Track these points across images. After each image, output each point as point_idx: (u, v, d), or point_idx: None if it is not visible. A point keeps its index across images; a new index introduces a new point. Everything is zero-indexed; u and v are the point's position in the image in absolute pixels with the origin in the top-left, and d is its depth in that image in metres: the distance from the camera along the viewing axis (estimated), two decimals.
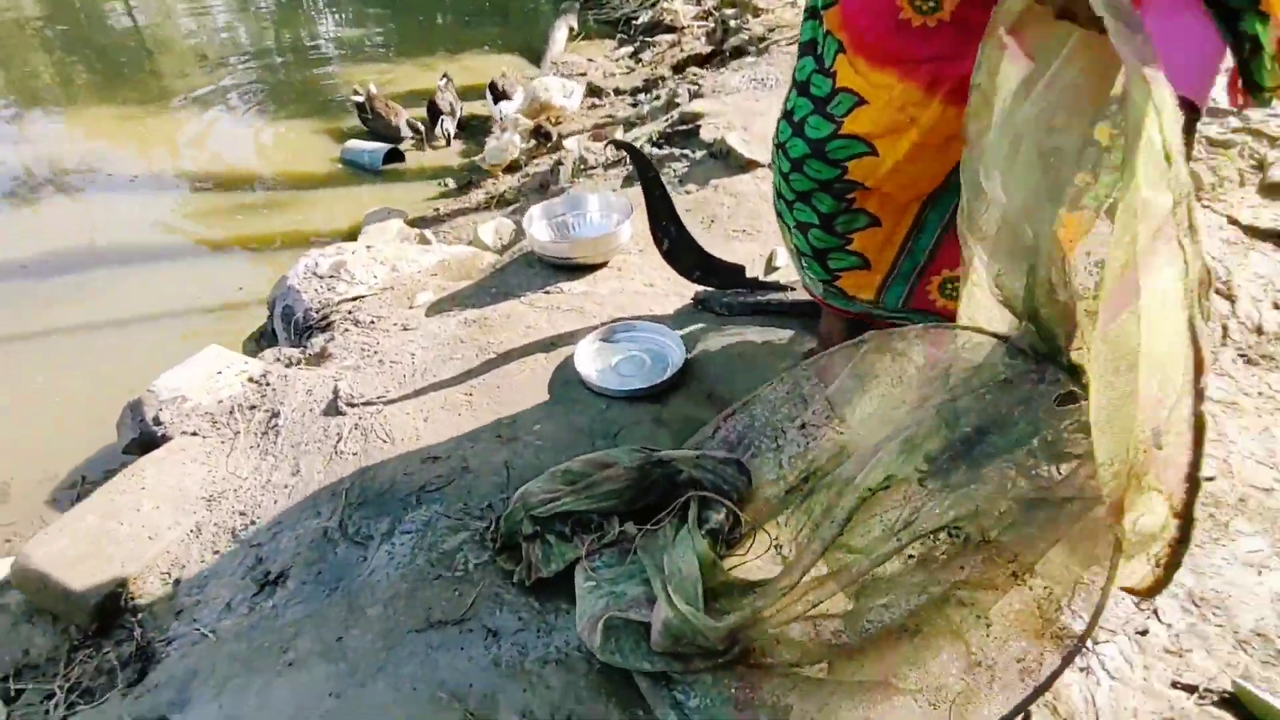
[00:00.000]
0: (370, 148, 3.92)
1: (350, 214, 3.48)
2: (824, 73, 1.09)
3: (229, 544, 1.25)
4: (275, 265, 3.13)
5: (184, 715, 1.01)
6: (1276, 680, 0.95)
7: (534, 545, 1.10)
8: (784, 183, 1.19)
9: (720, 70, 3.17)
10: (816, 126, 1.10)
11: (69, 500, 2.04)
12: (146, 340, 2.67)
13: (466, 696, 0.96)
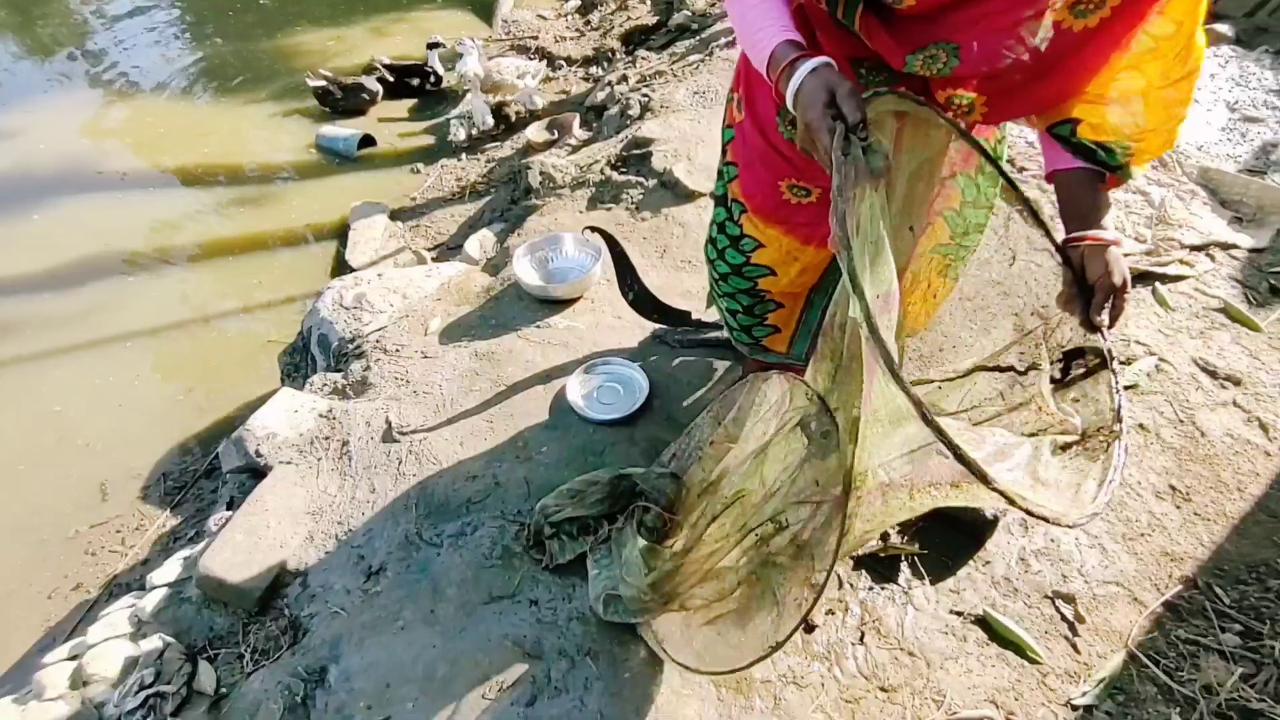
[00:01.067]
0: (344, 134, 4.19)
1: (335, 206, 3.81)
2: (734, 221, 1.56)
3: (335, 547, 1.79)
4: (282, 265, 3.50)
5: (337, 664, 1.57)
6: (1009, 608, 1.59)
7: (552, 542, 1.67)
8: (718, 284, 1.70)
9: (667, 79, 3.54)
10: (732, 257, 1.60)
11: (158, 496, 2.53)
12: (186, 344, 3.07)
13: (522, 642, 1.54)
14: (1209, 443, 1.88)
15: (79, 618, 2.18)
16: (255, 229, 3.69)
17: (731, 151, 1.49)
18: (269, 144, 4.29)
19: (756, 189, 1.46)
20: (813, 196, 1.42)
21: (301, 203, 3.87)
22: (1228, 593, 1.59)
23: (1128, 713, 1.42)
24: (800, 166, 1.34)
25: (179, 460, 2.61)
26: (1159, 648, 1.51)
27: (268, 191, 3.95)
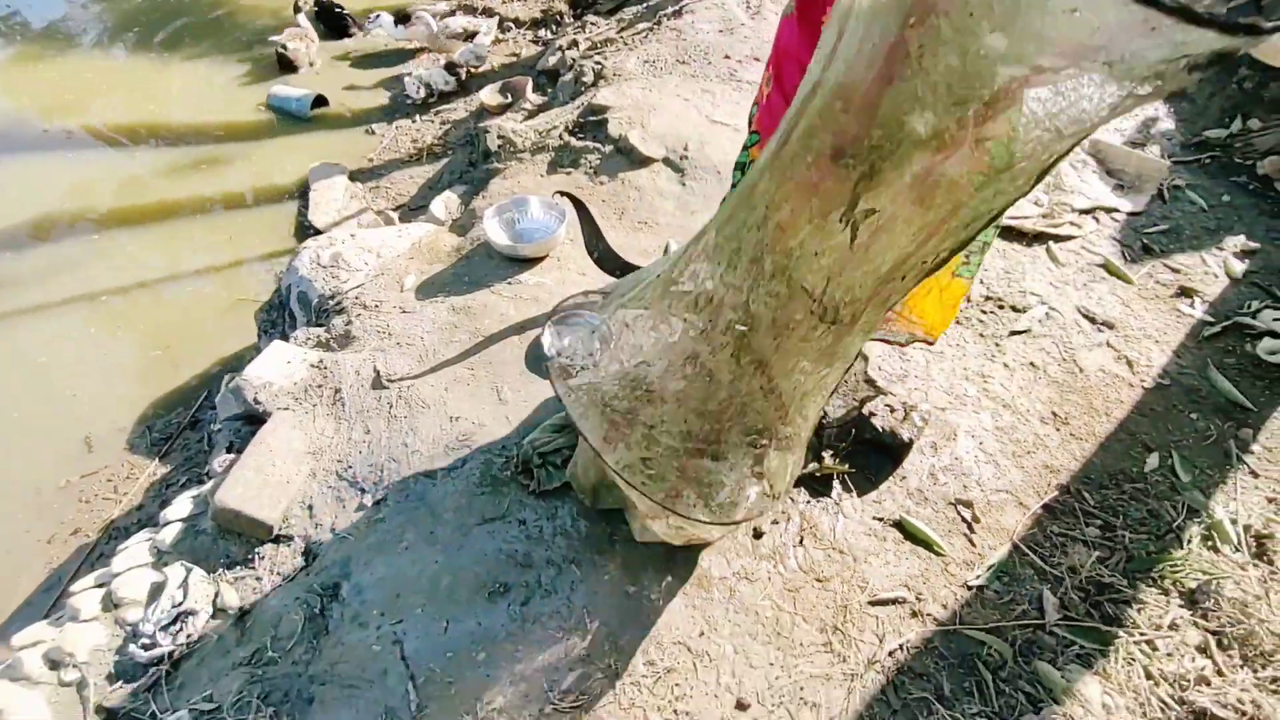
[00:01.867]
0: (296, 94, 4.21)
1: (292, 167, 3.87)
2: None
3: (337, 481, 1.99)
4: (245, 225, 3.57)
5: (349, 580, 1.79)
6: (921, 513, 1.91)
7: (540, 470, 1.91)
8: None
9: (618, 47, 3.70)
10: None
11: (145, 447, 2.65)
12: (157, 304, 3.14)
13: (514, 555, 1.79)
14: (1085, 376, 2.24)
15: (81, 560, 2.32)
16: (215, 190, 3.73)
17: (756, 122, 1.70)
18: (219, 103, 4.27)
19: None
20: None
21: (258, 163, 3.91)
22: (1092, 496, 1.95)
23: (1010, 590, 1.76)
24: None
25: (162, 413, 2.73)
26: (1037, 540, 1.86)
27: (222, 152, 3.97)
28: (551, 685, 1.56)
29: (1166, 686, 1.57)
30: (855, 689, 1.58)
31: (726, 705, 1.55)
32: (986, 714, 1.54)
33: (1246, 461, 2.02)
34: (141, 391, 2.77)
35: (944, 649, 1.65)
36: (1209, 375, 2.24)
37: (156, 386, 2.78)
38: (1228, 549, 1.81)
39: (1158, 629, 1.66)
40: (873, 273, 1.06)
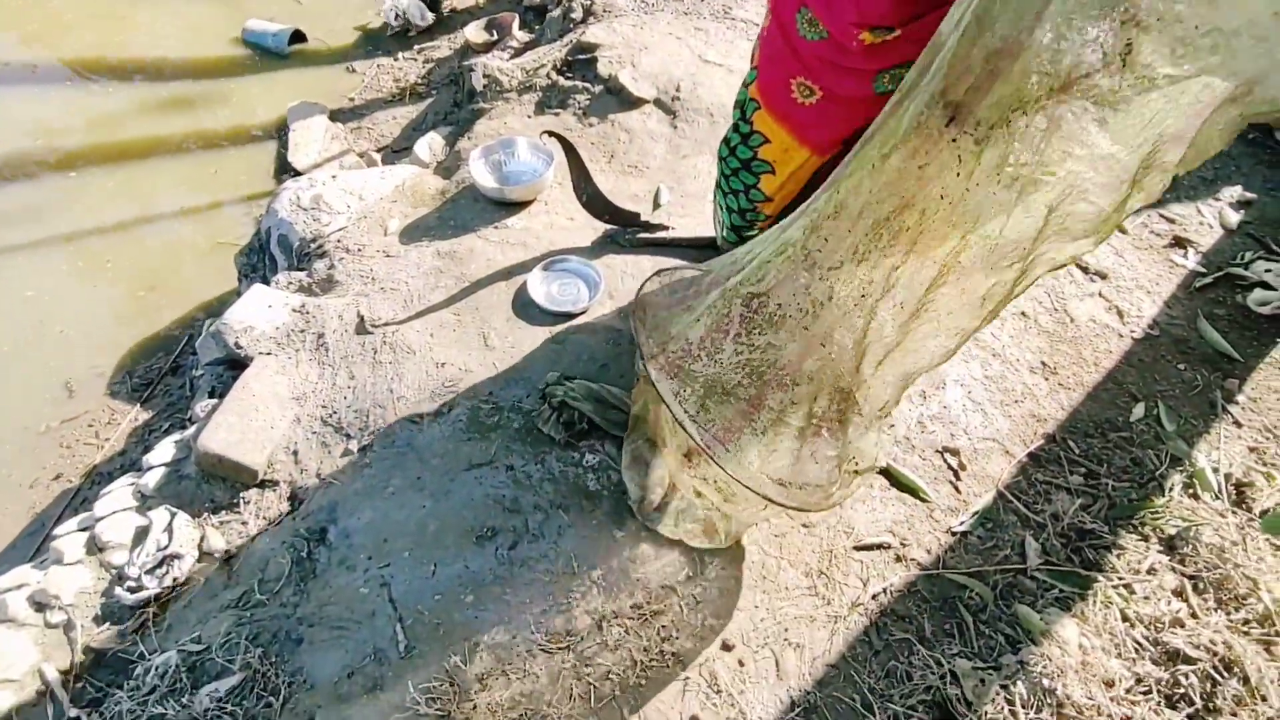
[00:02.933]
0: (274, 29, 4.05)
1: (271, 105, 3.74)
2: (746, 120, 1.70)
3: (322, 427, 1.97)
4: (223, 165, 3.46)
5: (336, 525, 1.78)
6: (907, 460, 1.92)
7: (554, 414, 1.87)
8: (726, 180, 1.83)
9: None
10: (742, 152, 1.74)
11: (125, 393, 2.61)
12: (135, 246, 3.06)
13: (502, 500, 1.78)
14: (1076, 326, 2.24)
15: (64, 505, 2.30)
16: (190, 129, 3.60)
17: (756, 57, 1.67)
18: (192, 36, 4.10)
19: (770, 86, 1.62)
20: (814, 98, 1.56)
21: (235, 101, 3.77)
22: (1078, 445, 1.97)
23: (994, 536, 1.78)
24: (810, 66, 1.52)
25: (142, 358, 2.68)
26: (1021, 488, 1.88)
27: (197, 89, 3.82)
28: (539, 627, 1.57)
29: (1142, 628, 1.60)
30: (839, 630, 1.61)
31: (712, 646, 1.57)
32: (966, 654, 1.57)
33: (1231, 411, 2.03)
34: (121, 336, 2.72)
35: (926, 592, 1.68)
36: (1198, 326, 2.24)
37: (137, 331, 2.73)
38: (1208, 496, 1.83)
39: (1136, 574, 1.69)
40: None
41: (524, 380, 2.00)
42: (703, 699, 1.50)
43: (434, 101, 3.71)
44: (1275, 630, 1.57)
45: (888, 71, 1.45)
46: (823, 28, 1.43)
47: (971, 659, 1.57)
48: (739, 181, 1.81)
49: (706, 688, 1.52)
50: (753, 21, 3.23)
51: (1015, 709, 1.49)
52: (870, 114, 1.56)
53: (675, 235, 2.35)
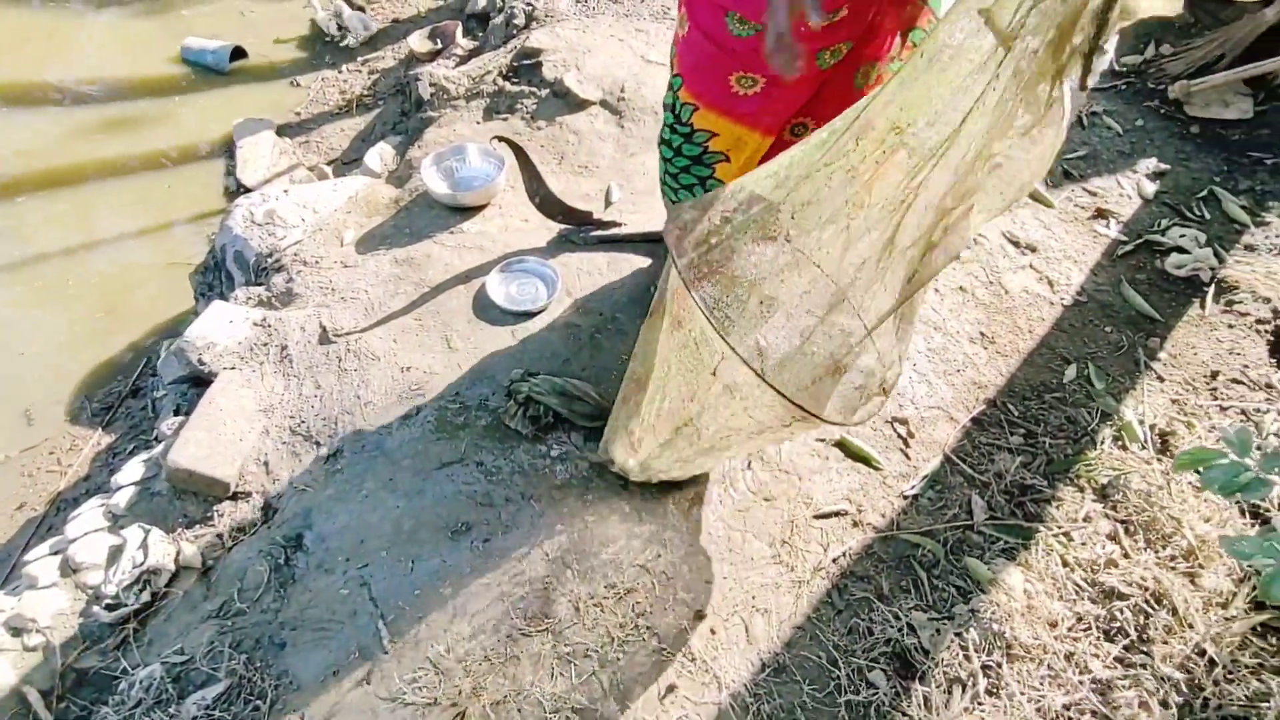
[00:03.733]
0: (212, 46, 4.01)
1: (215, 123, 3.72)
2: (684, 123, 1.74)
3: (291, 437, 1.99)
4: (171, 186, 3.43)
5: (312, 530, 1.82)
6: (860, 432, 2.02)
7: (520, 408, 1.91)
8: (677, 177, 1.87)
9: None
10: (689, 150, 1.78)
11: (86, 418, 2.59)
12: (87, 270, 3.03)
13: (474, 496, 1.84)
14: (1010, 297, 2.37)
15: (30, 533, 2.28)
16: (133, 150, 3.56)
17: (678, 65, 1.71)
18: (129, 56, 4.03)
19: (706, 88, 1.66)
20: (758, 86, 1.62)
21: (179, 120, 3.74)
22: (1016, 407, 2.09)
23: (943, 497, 1.90)
24: (748, 59, 1.57)
25: (101, 383, 2.66)
26: (966, 450, 1.99)
27: (137, 110, 3.77)
28: (518, 612, 1.63)
29: (1080, 571, 1.73)
30: (803, 594, 1.70)
31: (685, 617, 1.65)
32: (922, 607, 1.68)
33: (1154, 368, 2.18)
34: (78, 361, 2.69)
35: (883, 553, 1.78)
36: (1122, 290, 2.39)
37: (94, 355, 2.70)
38: (1135, 447, 1.97)
39: (1073, 522, 1.81)
40: None
41: (488, 379, 2.06)
42: (679, 668, 1.58)
43: (381, 112, 3.73)
44: (1198, 563, 1.71)
45: (829, 49, 1.53)
46: (754, 24, 1.50)
47: (927, 611, 1.67)
48: (691, 177, 1.86)
49: (682, 657, 1.60)
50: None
51: (969, 653, 1.60)
52: (815, 87, 1.64)
53: (628, 231, 2.42)
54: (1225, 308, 2.33)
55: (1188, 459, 1.33)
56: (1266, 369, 2.18)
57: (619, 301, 2.25)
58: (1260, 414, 2.06)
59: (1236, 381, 2.15)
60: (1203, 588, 1.69)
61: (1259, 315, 2.28)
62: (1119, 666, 1.59)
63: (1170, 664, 1.58)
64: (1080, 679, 1.57)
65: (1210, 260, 2.43)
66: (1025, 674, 1.58)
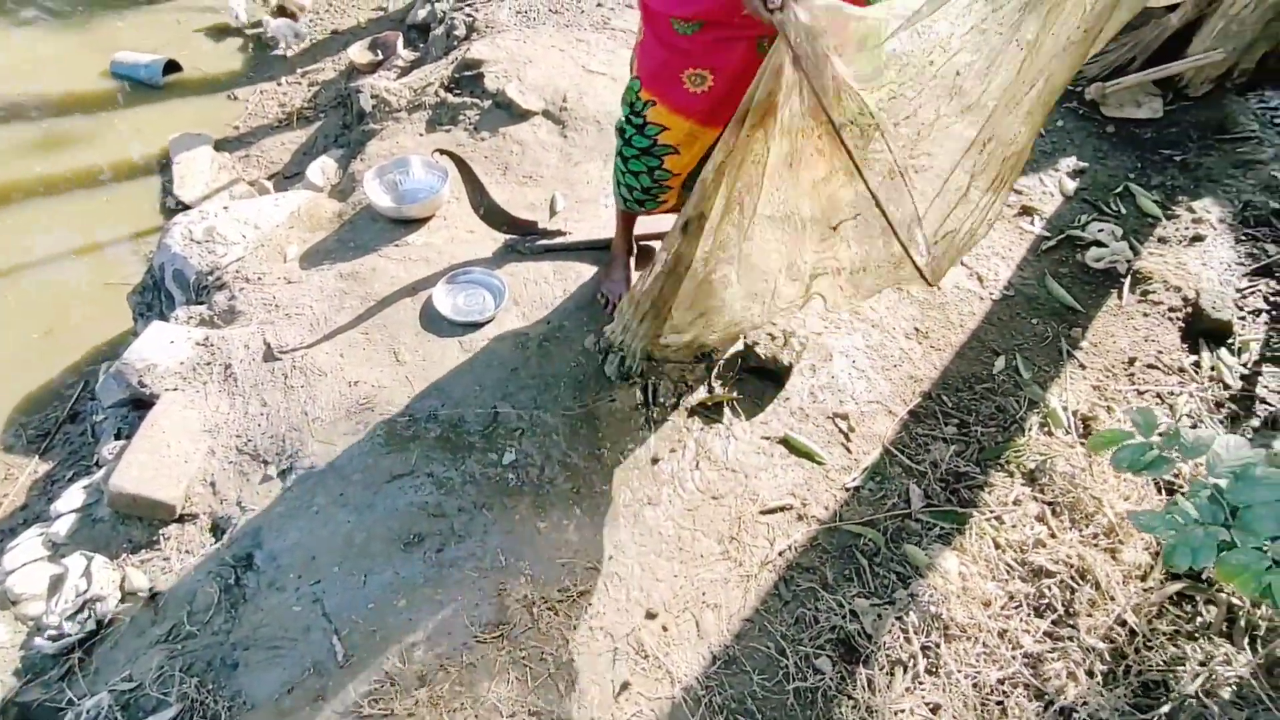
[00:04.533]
0: (144, 60, 3.93)
1: (150, 139, 3.64)
2: (638, 114, 1.82)
3: (238, 456, 1.98)
4: (105, 205, 3.35)
5: (262, 549, 1.81)
6: (803, 429, 2.09)
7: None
8: (628, 163, 1.93)
9: None
10: (639, 141, 1.86)
11: (21, 446, 2.52)
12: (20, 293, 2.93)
13: (426, 507, 1.85)
14: (943, 293, 2.47)
15: None
16: (68, 167, 3.46)
17: (636, 68, 1.83)
18: (57, 72, 3.92)
19: (662, 87, 1.76)
20: (707, 84, 1.71)
21: (111, 138, 3.64)
22: (950, 399, 2.19)
23: (883, 487, 1.97)
24: (695, 55, 1.67)
25: (36, 408, 2.59)
26: (904, 442, 2.08)
27: (69, 126, 3.67)
28: (473, 621, 1.65)
29: (1011, 552, 1.82)
30: (751, 588, 1.76)
31: (637, 616, 1.69)
32: (864, 594, 1.75)
33: (1076, 356, 2.30)
34: (12, 387, 2.61)
35: (827, 544, 1.85)
36: (1046, 284, 2.51)
37: (28, 381, 2.62)
38: (1060, 432, 2.08)
39: (1004, 505, 1.91)
40: None
41: (437, 391, 2.07)
42: (632, 665, 1.62)
43: (322, 125, 3.70)
44: (1118, 539, 1.82)
45: (767, 37, 1.63)
46: (694, 22, 1.61)
47: (869, 597, 1.74)
48: (640, 164, 1.94)
49: (635, 655, 1.64)
50: (631, 30, 3.38)
51: (909, 636, 1.67)
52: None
53: (573, 240, 2.46)
54: (1140, 297, 2.47)
55: (1100, 440, 1.42)
56: (1179, 354, 2.32)
57: (566, 309, 2.28)
58: (1174, 396, 2.19)
59: (1152, 367, 2.28)
60: (1123, 562, 1.80)
61: (1171, 304, 2.42)
62: (1048, 640, 1.68)
63: (1095, 635, 1.68)
64: (1013, 654, 1.66)
65: (1126, 253, 2.57)
66: (962, 652, 1.66)
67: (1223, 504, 1.22)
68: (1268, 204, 2.67)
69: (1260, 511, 1.21)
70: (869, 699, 1.59)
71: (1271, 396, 2.20)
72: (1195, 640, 1.67)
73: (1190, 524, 1.20)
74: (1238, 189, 2.75)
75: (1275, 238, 2.59)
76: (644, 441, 2.00)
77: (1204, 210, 2.68)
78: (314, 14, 4.53)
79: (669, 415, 2.05)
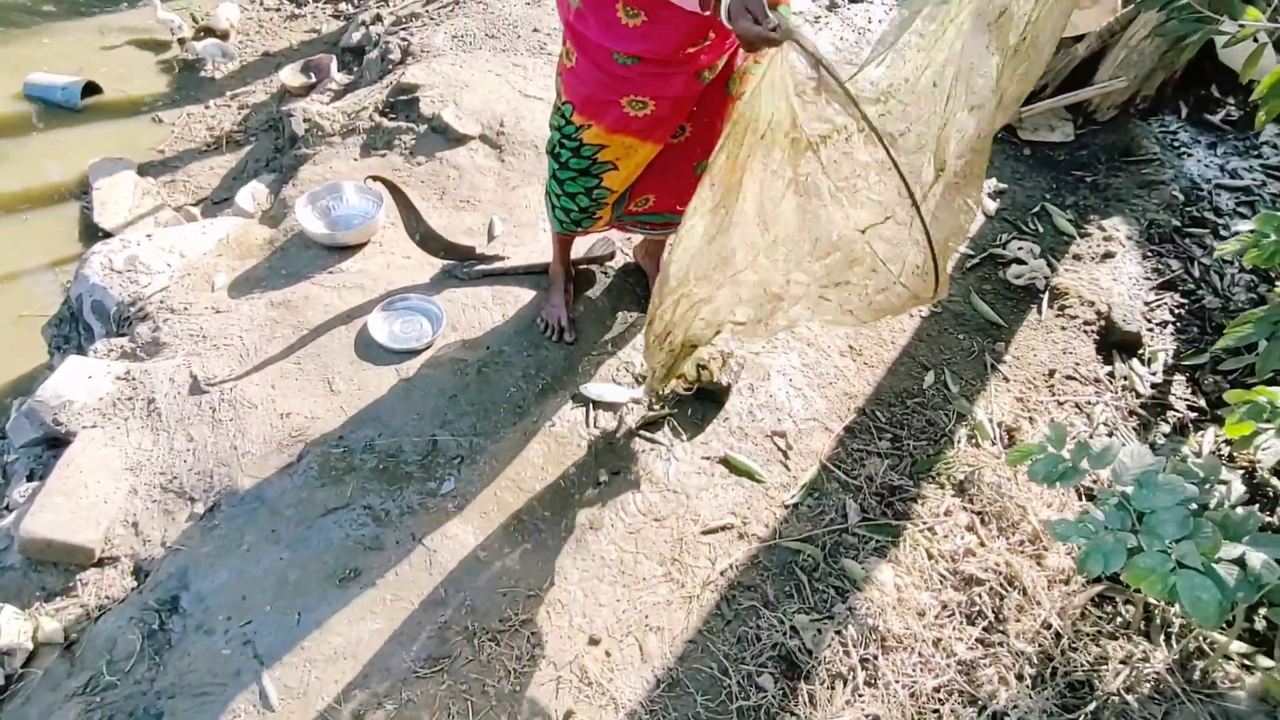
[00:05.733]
0: (61, 82, 3.79)
1: (68, 165, 3.50)
2: (573, 139, 1.84)
3: (163, 495, 1.90)
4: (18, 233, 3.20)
5: (189, 591, 1.74)
6: (742, 448, 2.12)
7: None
8: (565, 185, 1.95)
9: (424, 21, 3.63)
10: (577, 164, 1.88)
11: None
12: None
13: (363, 540, 1.81)
14: None
15: None
16: None
17: (567, 93, 1.83)
18: None
19: (598, 109, 1.77)
20: (648, 109, 1.75)
21: (24, 163, 3.49)
22: (883, 414, 2.25)
23: (820, 503, 2.02)
24: (637, 83, 1.70)
25: None
26: (840, 457, 2.13)
27: None
28: (411, 655, 1.62)
29: (943, 562, 1.88)
30: (693, 608, 1.77)
31: (580, 643, 1.68)
32: (804, 610, 1.78)
33: (1000, 370, 2.40)
34: None
35: (767, 562, 1.87)
36: (972, 301, 2.62)
37: None
38: (987, 444, 2.16)
39: (936, 517, 1.97)
40: None
41: (374, 420, 2.04)
42: (575, 693, 1.61)
43: (253, 149, 3.61)
44: (1043, 545, 1.90)
45: (708, 68, 1.71)
46: (634, 56, 1.65)
47: (809, 613, 1.77)
48: (578, 185, 1.96)
49: (578, 682, 1.63)
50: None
51: (848, 649, 1.70)
52: (698, 101, 1.81)
53: (512, 265, 2.45)
54: (1058, 312, 2.59)
55: (1017, 455, 1.49)
56: (1094, 365, 2.44)
57: (505, 334, 2.28)
58: (1091, 405, 2.31)
59: (1070, 378, 2.40)
60: (1048, 567, 1.87)
61: (1086, 318, 2.55)
62: (980, 647, 1.74)
63: (1023, 640, 1.74)
64: (947, 662, 1.71)
65: (1044, 270, 2.70)
66: (899, 663, 1.70)
67: (1130, 510, 1.29)
68: (1169, 222, 2.84)
69: (1163, 515, 1.28)
70: (811, 714, 1.61)
71: (1179, 403, 2.34)
72: (1116, 639, 1.75)
73: (1101, 531, 1.27)
74: (1143, 208, 2.92)
75: (1177, 254, 2.76)
76: (585, 465, 2.00)
77: (1113, 228, 2.84)
78: (244, 35, 4.44)
79: (611, 438, 2.06)
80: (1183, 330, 2.54)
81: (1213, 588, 1.19)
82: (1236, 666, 1.69)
